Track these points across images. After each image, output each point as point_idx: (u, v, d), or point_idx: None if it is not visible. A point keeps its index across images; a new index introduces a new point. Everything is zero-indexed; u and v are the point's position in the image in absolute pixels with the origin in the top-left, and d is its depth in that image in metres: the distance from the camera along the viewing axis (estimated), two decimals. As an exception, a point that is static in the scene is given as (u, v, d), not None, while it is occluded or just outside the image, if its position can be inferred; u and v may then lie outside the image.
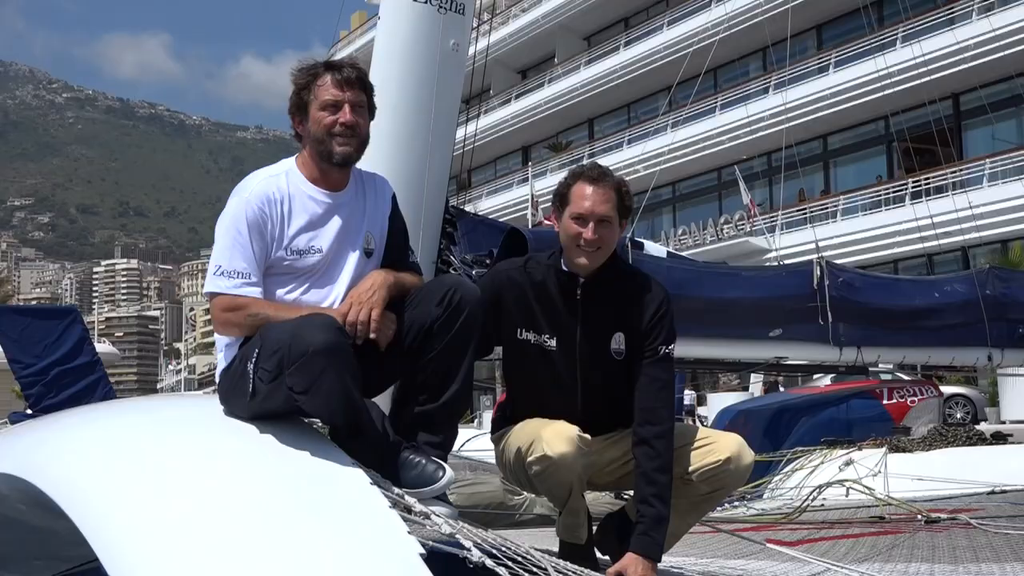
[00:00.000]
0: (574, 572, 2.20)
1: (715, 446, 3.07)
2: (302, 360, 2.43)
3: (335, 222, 2.84)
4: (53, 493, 2.38)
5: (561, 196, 3.15)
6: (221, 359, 2.81)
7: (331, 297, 2.80)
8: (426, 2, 4.65)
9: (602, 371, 3.10)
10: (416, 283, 2.87)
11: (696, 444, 3.07)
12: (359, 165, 2.98)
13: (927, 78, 24.71)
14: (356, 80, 2.85)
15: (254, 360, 2.56)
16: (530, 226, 23.21)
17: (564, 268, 3.12)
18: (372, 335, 2.65)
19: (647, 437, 2.96)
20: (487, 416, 18.10)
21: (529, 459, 2.97)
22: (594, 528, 3.23)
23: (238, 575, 1.99)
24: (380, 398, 2.92)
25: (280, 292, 2.79)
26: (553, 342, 3.10)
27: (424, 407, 2.76)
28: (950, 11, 27.82)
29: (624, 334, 3.08)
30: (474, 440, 8.98)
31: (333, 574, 1.99)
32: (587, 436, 2.98)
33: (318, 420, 2.59)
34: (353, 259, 2.85)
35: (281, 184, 2.82)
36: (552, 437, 2.92)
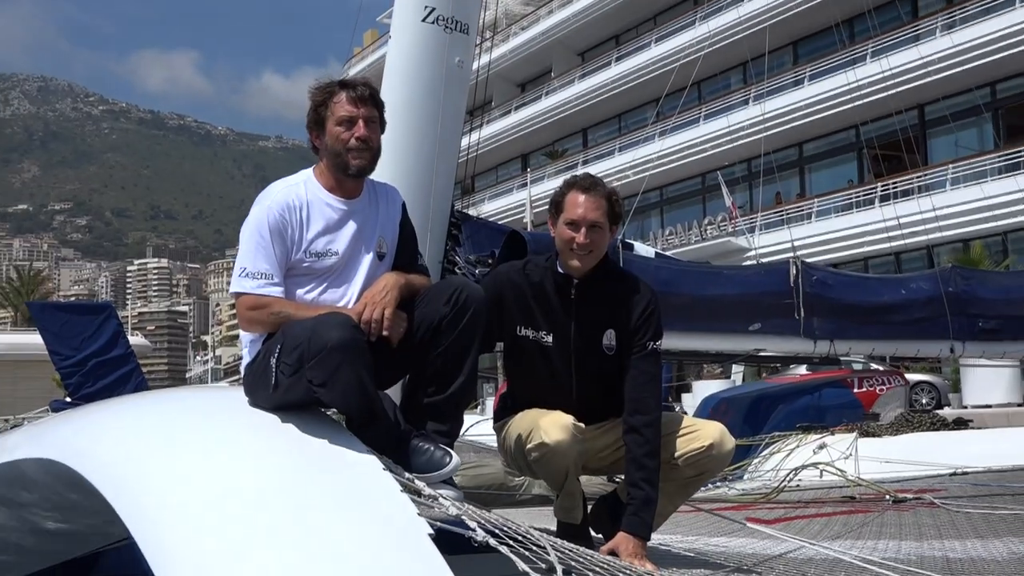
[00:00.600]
0: (571, 550, 2.19)
1: (699, 433, 3.07)
2: (321, 355, 2.44)
3: (350, 227, 2.83)
4: (92, 477, 2.37)
5: (556, 204, 3.15)
6: (246, 354, 2.81)
7: (347, 297, 2.80)
8: (433, 22, 4.64)
9: (595, 365, 3.09)
10: (425, 284, 2.87)
11: (681, 431, 3.07)
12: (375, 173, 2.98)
13: (894, 90, 24.71)
14: (369, 97, 2.84)
15: (276, 355, 2.56)
16: (528, 229, 23.19)
17: (560, 270, 3.11)
18: (385, 332, 2.64)
19: (636, 425, 2.96)
20: (489, 403, 18.10)
21: (528, 446, 2.96)
22: (588, 509, 3.23)
23: (261, 551, 1.99)
24: (391, 390, 2.93)
25: (300, 292, 2.79)
26: (550, 338, 3.10)
27: (432, 398, 2.76)
28: (915, 28, 27.81)
29: (615, 331, 3.08)
30: (477, 425, 8.98)
31: (349, 552, 1.98)
32: (581, 425, 2.98)
33: (335, 410, 2.59)
34: (367, 262, 2.84)
35: (300, 192, 2.82)
36: (549, 426, 2.92)
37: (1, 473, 2.94)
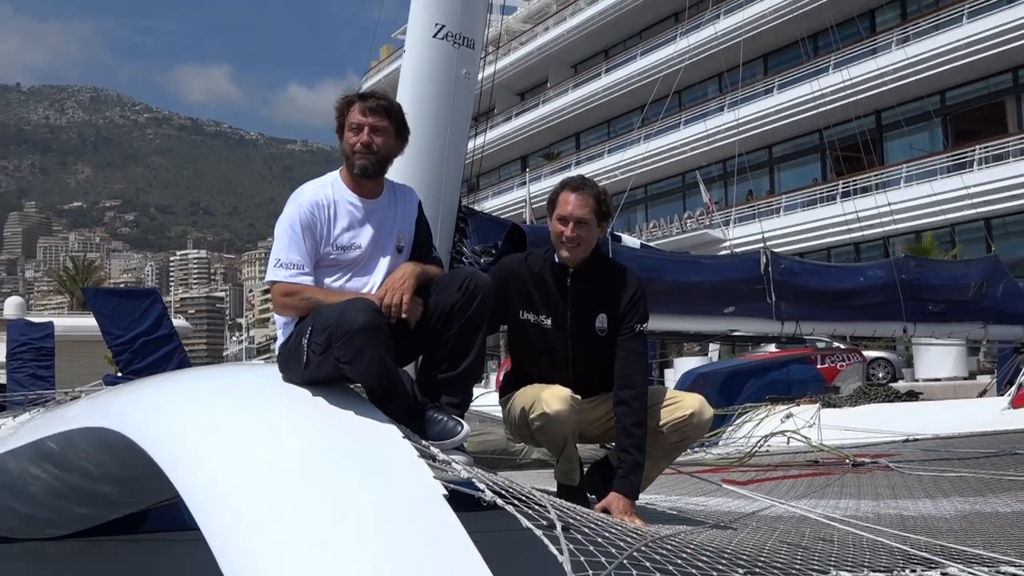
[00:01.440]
0: (568, 508, 2.18)
1: (681, 404, 3.07)
2: (347, 336, 2.44)
3: (372, 224, 2.83)
4: (144, 443, 2.37)
5: (551, 202, 3.15)
6: (279, 335, 2.80)
7: (369, 284, 2.79)
8: (443, 38, 4.63)
9: (588, 345, 3.09)
10: (438, 273, 2.86)
11: (665, 403, 3.07)
12: (392, 174, 2.97)
13: (854, 98, 24.75)
14: (380, 108, 2.83)
15: (307, 336, 2.56)
16: (527, 222, 23.13)
17: (557, 261, 3.11)
18: (403, 315, 2.64)
19: (625, 398, 2.96)
20: (493, 376, 18.09)
21: (531, 416, 2.97)
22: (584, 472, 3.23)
23: (295, 507, 1.98)
24: (408, 366, 2.93)
25: (328, 280, 2.79)
26: (548, 322, 3.10)
27: (445, 374, 2.75)
28: (873, 42, 27.73)
29: (606, 315, 3.07)
30: (482, 397, 8.98)
31: (371, 510, 1.97)
32: (578, 397, 2.99)
33: (359, 385, 2.60)
34: (387, 254, 2.84)
35: (328, 192, 2.82)
36: (550, 398, 2.93)
37: (64, 440, 2.96)
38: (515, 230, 5.19)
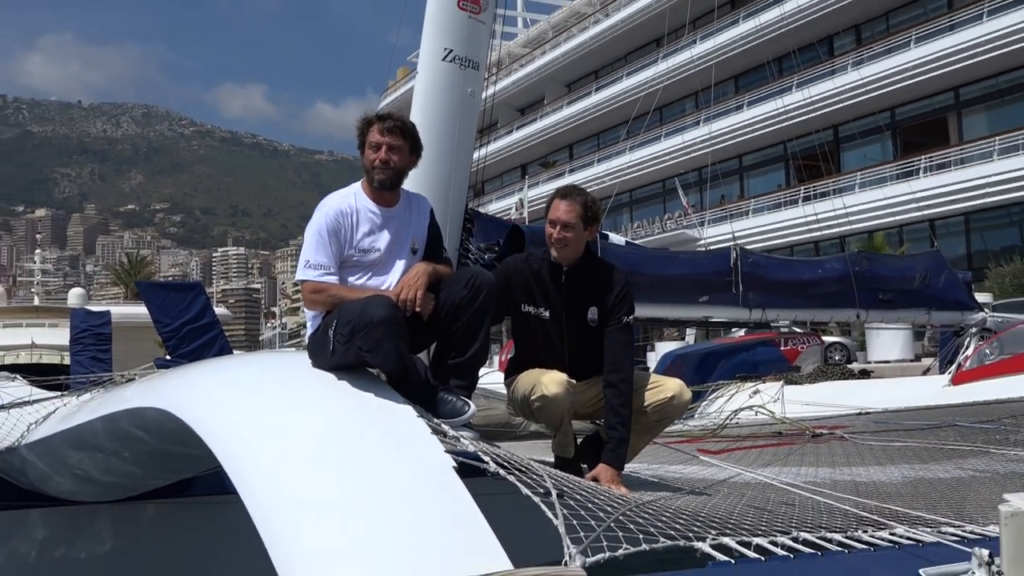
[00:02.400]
0: (562, 477, 2.19)
1: (663, 388, 3.07)
2: (368, 328, 2.44)
3: (389, 230, 2.82)
4: (189, 420, 2.37)
5: (546, 208, 3.16)
6: (309, 326, 2.79)
7: (387, 282, 2.78)
8: (451, 61, 4.60)
9: (581, 334, 3.08)
10: (448, 272, 2.85)
11: (649, 386, 3.07)
12: (407, 184, 2.95)
13: (814, 114, 24.69)
14: (396, 128, 2.82)
15: (333, 328, 2.55)
16: (525, 223, 23.09)
17: (553, 260, 3.11)
18: (417, 309, 2.64)
19: (614, 381, 2.96)
20: (496, 358, 18.09)
21: (532, 397, 2.97)
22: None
23: (325, 476, 1.98)
24: (422, 353, 2.93)
25: (351, 279, 2.78)
26: (547, 313, 3.09)
27: (454, 360, 2.75)
28: (831, 65, 27.70)
29: (597, 308, 3.07)
30: (488, 376, 8.94)
31: (390, 480, 1.97)
32: (573, 381, 2.99)
33: (379, 370, 2.60)
34: (403, 256, 2.83)
35: (351, 202, 2.81)
36: (549, 382, 2.93)
37: (119, 417, 2.96)
38: (515, 230, 5.17)
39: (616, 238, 7.70)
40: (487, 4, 4.67)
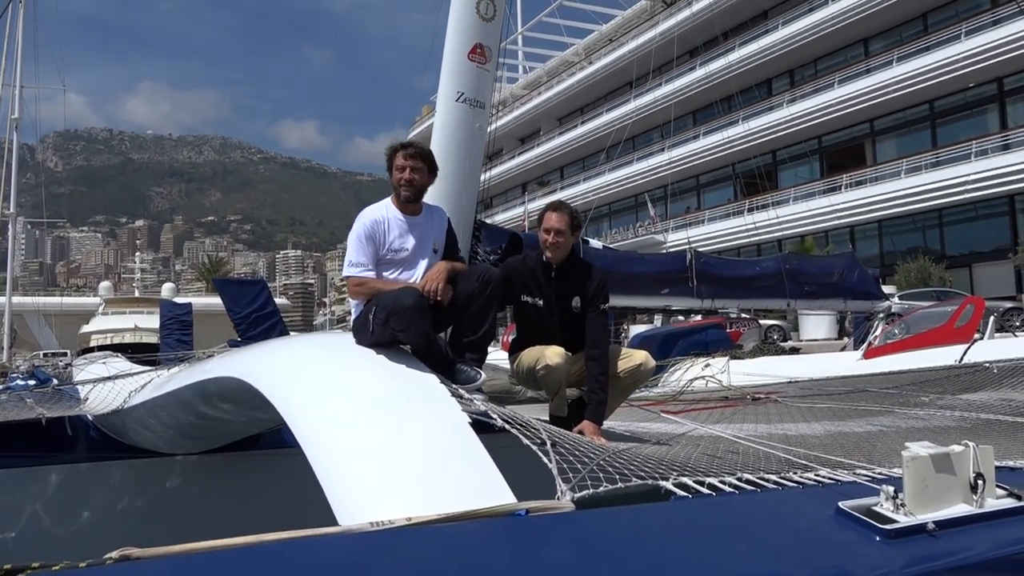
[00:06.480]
0: (555, 431, 2.18)
1: (632, 357, 3.07)
2: (400, 313, 2.44)
3: (415, 234, 2.82)
4: (260, 387, 2.38)
5: (539, 218, 3.14)
6: (352, 312, 2.79)
7: (414, 277, 2.78)
8: (463, 102, 4.58)
9: (568, 319, 3.07)
10: (463, 268, 2.85)
11: (622, 357, 3.07)
12: (427, 198, 2.95)
13: (755, 142, 24.72)
14: (416, 154, 2.82)
15: (373, 313, 2.55)
16: (525, 231, 23.05)
17: (544, 260, 3.10)
18: (439, 298, 2.64)
19: (594, 355, 2.95)
20: (500, 339, 18.09)
21: (537, 368, 2.96)
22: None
23: (366, 427, 2.00)
24: (442, 333, 2.94)
25: (385, 274, 2.78)
26: (540, 302, 3.08)
27: (468, 338, 2.75)
28: (769, 102, 27.73)
29: (580, 298, 3.06)
30: (493, 353, 8.89)
31: (419, 433, 1.98)
32: (569, 353, 2.98)
33: (409, 347, 2.61)
34: (426, 256, 2.83)
35: (383, 213, 2.81)
36: (551, 354, 2.92)
37: (203, 386, 2.97)
38: (515, 237, 5.16)
39: (595, 243, 7.68)
40: (491, 56, 4.66)
